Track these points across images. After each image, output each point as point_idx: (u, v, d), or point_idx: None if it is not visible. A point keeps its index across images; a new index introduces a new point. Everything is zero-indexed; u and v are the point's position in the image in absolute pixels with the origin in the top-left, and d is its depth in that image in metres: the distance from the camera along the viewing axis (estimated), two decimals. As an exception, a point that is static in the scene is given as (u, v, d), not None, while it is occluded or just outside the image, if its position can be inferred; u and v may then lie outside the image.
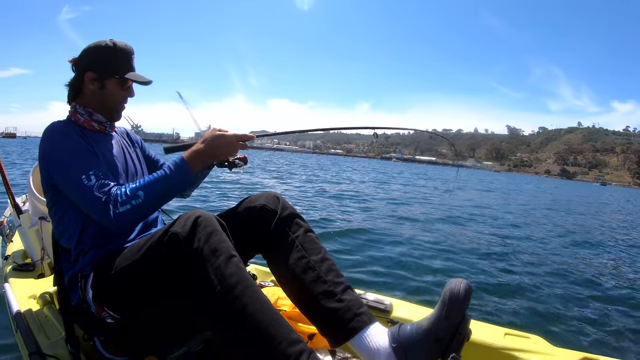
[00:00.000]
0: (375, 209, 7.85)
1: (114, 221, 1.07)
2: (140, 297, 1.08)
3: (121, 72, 1.25)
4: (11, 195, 2.03)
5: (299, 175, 18.55)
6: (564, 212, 11.37)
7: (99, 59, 1.24)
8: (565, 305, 3.10)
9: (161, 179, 1.12)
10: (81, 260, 1.18)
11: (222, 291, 0.93)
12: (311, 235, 1.23)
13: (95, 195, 1.08)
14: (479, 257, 4.37)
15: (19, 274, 1.83)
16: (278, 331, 0.91)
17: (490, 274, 3.75)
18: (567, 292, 3.43)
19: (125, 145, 1.40)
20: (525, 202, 14.37)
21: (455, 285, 0.98)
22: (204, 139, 1.19)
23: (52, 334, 1.27)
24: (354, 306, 1.09)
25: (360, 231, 5.17)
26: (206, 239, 0.97)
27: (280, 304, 1.49)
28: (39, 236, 1.90)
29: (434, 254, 4.37)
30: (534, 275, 3.81)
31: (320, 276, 1.13)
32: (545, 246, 5.40)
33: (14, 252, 2.14)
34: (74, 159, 1.12)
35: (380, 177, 22.39)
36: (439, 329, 0.97)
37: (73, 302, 1.20)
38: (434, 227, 6.27)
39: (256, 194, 1.30)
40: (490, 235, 5.84)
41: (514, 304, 3.06)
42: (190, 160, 1.15)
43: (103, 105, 1.28)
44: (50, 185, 1.19)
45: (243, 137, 1.22)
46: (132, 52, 1.28)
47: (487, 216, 8.37)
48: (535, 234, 6.44)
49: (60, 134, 1.17)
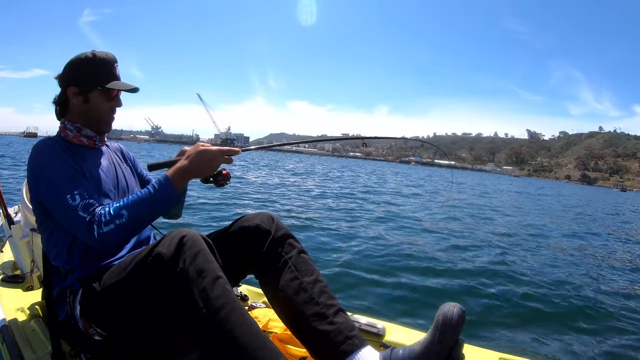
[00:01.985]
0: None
1: (99, 241, 1.06)
2: (127, 315, 1.07)
3: (103, 82, 1.22)
4: (3, 205, 2.01)
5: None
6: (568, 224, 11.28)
7: (79, 72, 1.22)
8: (561, 330, 3.07)
9: (145, 198, 1.10)
10: (70, 276, 1.17)
11: (208, 313, 0.92)
12: (304, 256, 1.22)
13: (80, 216, 1.07)
14: (472, 278, 4.34)
15: (8, 285, 1.80)
16: (266, 355, 0.90)
17: (484, 297, 3.72)
18: (565, 316, 3.39)
19: (116, 161, 1.39)
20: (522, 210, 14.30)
21: (448, 310, 0.98)
22: (188, 154, 1.17)
23: (39, 349, 1.24)
24: (345, 329, 1.07)
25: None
26: (192, 260, 0.96)
27: (271, 326, 1.47)
28: (29, 248, 1.88)
29: (427, 273, 4.35)
30: (529, 299, 3.78)
31: (313, 298, 1.12)
32: (541, 267, 5.37)
33: (4, 262, 2.11)
34: (59, 179, 1.12)
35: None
36: (432, 353, 0.96)
37: (61, 317, 1.19)
38: (423, 243, 6.24)
39: (251, 213, 1.29)
40: (485, 256, 5.81)
41: (509, 328, 3.02)
42: (174, 178, 1.13)
43: (90, 119, 1.26)
44: (38, 202, 1.18)
45: (228, 152, 1.20)
46: (114, 60, 1.25)
47: (481, 233, 8.33)
48: (528, 254, 6.41)
49: (47, 152, 1.16)
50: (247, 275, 1.30)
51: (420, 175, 42.74)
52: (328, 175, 22.24)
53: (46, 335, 1.27)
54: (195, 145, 1.19)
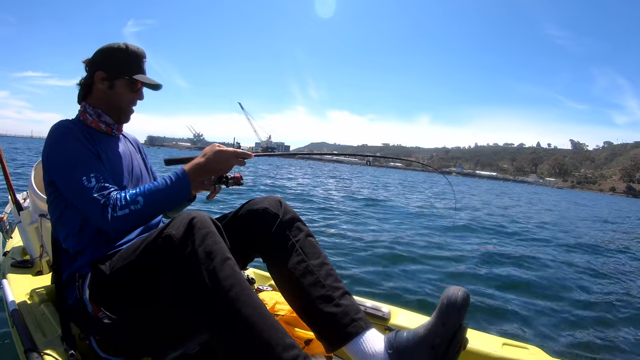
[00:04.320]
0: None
1: (111, 224, 1.08)
2: (137, 298, 1.08)
3: (131, 73, 1.26)
4: (12, 192, 2.03)
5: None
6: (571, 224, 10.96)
7: (110, 59, 1.25)
8: (564, 316, 3.08)
9: (162, 188, 1.14)
10: (79, 260, 1.18)
11: (216, 294, 0.93)
12: (311, 239, 1.23)
13: (94, 197, 1.09)
14: (479, 265, 4.36)
15: (17, 270, 1.83)
16: (273, 335, 0.90)
17: (489, 282, 3.73)
18: (568, 302, 3.40)
19: (131, 150, 1.41)
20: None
21: (452, 293, 0.98)
22: (204, 153, 1.21)
23: (49, 332, 1.26)
24: (351, 311, 1.08)
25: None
26: (201, 241, 0.97)
27: (277, 309, 1.49)
28: (38, 233, 1.90)
29: (436, 261, 4.36)
30: (533, 285, 3.80)
31: (319, 280, 1.12)
32: (545, 256, 5.37)
33: (13, 248, 2.14)
34: (76, 160, 1.14)
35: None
36: (436, 335, 0.96)
37: (70, 301, 1.21)
38: (435, 235, 6.26)
39: (259, 197, 1.30)
40: (491, 244, 5.82)
41: (513, 313, 3.04)
42: (191, 172, 1.17)
43: (111, 106, 1.29)
44: (50, 182, 1.19)
45: (242, 154, 1.24)
46: (143, 55, 1.30)
47: (495, 227, 8.33)
48: (537, 243, 6.40)
49: (65, 134, 1.17)
50: (255, 258, 1.31)
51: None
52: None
53: (56, 319, 1.29)
54: (212, 145, 1.23)
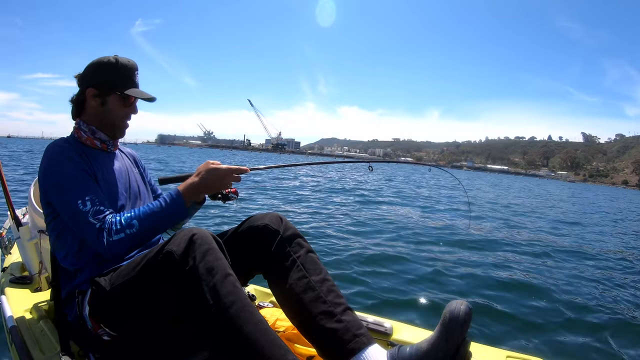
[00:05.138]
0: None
1: (107, 248, 1.08)
2: (137, 315, 1.07)
3: (123, 88, 1.25)
4: (11, 207, 2.03)
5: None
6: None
7: (100, 74, 1.24)
8: (570, 329, 3.04)
9: (156, 210, 1.14)
10: (79, 277, 1.18)
11: (218, 311, 0.92)
12: (312, 255, 1.22)
13: (90, 221, 1.09)
14: (481, 276, 4.33)
15: (16, 286, 1.82)
16: (275, 352, 0.90)
17: (492, 295, 3.70)
18: (573, 315, 3.36)
19: (128, 165, 1.41)
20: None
21: (455, 307, 0.97)
22: (198, 172, 1.21)
23: (47, 349, 1.25)
24: (353, 327, 1.07)
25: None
26: (201, 257, 0.97)
27: (278, 325, 1.47)
28: (37, 249, 1.89)
29: (434, 272, 4.33)
30: (538, 297, 3.76)
31: (320, 296, 1.12)
32: (551, 265, 5.34)
33: (12, 264, 2.13)
34: (71, 183, 1.13)
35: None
36: (439, 350, 0.95)
37: (69, 318, 1.20)
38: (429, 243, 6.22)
39: (260, 213, 1.30)
40: (496, 253, 5.78)
41: (517, 326, 3.00)
42: (185, 193, 1.17)
43: (105, 122, 1.27)
44: (47, 203, 1.19)
45: (237, 170, 1.23)
46: (135, 68, 1.28)
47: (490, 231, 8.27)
48: (543, 252, 6.35)
49: (60, 155, 1.17)
50: (255, 274, 1.31)
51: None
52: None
53: (55, 336, 1.28)
54: (206, 163, 1.22)
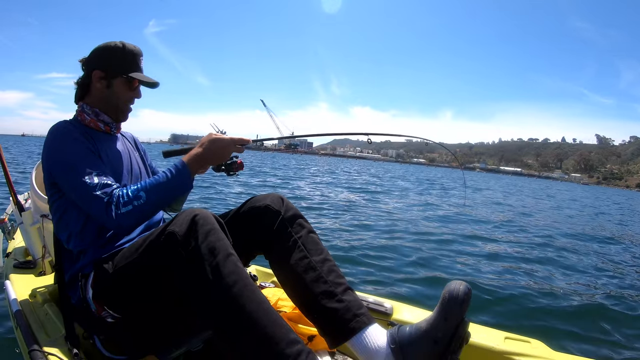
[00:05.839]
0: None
1: (116, 221, 1.08)
2: (140, 297, 1.09)
3: (128, 71, 1.26)
4: (13, 193, 2.03)
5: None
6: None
7: (107, 58, 1.25)
8: (567, 310, 3.07)
9: (163, 181, 1.13)
10: (82, 259, 1.19)
11: (220, 290, 0.93)
12: (313, 236, 1.23)
13: (97, 195, 1.09)
14: (482, 259, 4.36)
15: (20, 271, 1.83)
16: (276, 331, 0.91)
17: (492, 276, 3.74)
18: (571, 296, 3.40)
19: (129, 148, 1.42)
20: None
21: (454, 287, 0.98)
22: (202, 142, 1.21)
23: (52, 332, 1.27)
24: (353, 307, 1.09)
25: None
26: (204, 238, 0.97)
27: (280, 305, 1.49)
28: (40, 234, 1.90)
29: (436, 253, 4.36)
30: (537, 279, 3.80)
31: (321, 276, 1.13)
32: (549, 249, 5.38)
33: (15, 249, 2.15)
34: (77, 160, 1.13)
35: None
36: (438, 330, 0.97)
37: (73, 301, 1.21)
38: (438, 227, 6.25)
39: (261, 194, 1.30)
40: (496, 237, 5.82)
41: (515, 307, 3.04)
42: (190, 163, 1.17)
43: (109, 105, 1.29)
44: (52, 183, 1.19)
45: (239, 141, 1.23)
46: (140, 53, 1.30)
47: (497, 221, 8.31)
48: (541, 237, 6.38)
49: (64, 134, 1.17)
50: (257, 255, 1.31)
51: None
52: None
53: (59, 319, 1.29)
54: (209, 134, 1.23)
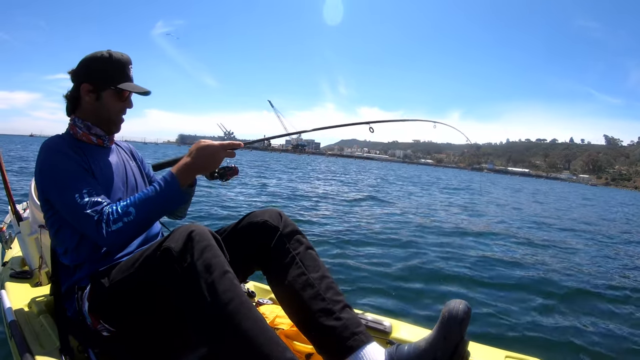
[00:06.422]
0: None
1: (107, 239, 1.07)
2: (136, 311, 1.08)
3: (117, 82, 1.24)
4: (12, 202, 2.03)
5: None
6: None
7: (94, 69, 1.23)
8: (568, 329, 3.04)
9: (152, 195, 1.11)
10: (78, 272, 1.18)
11: (216, 307, 0.92)
12: (312, 252, 1.22)
13: (88, 214, 1.08)
14: (480, 276, 4.33)
15: (16, 280, 1.82)
16: (273, 349, 0.90)
17: (492, 294, 3.70)
18: (572, 315, 3.36)
19: (125, 159, 1.40)
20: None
21: (454, 306, 0.98)
22: (190, 152, 1.18)
23: (47, 344, 1.25)
24: (351, 325, 1.07)
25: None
26: (199, 254, 0.96)
27: (278, 322, 1.48)
28: (37, 244, 1.89)
29: (436, 269, 4.33)
30: (538, 297, 3.76)
31: (319, 293, 1.12)
32: (549, 265, 5.33)
33: (12, 258, 2.13)
34: (67, 177, 1.13)
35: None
36: (437, 349, 0.96)
37: (69, 313, 1.20)
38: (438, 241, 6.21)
39: (259, 210, 1.29)
40: (497, 254, 5.78)
41: (516, 326, 3.00)
42: (179, 174, 1.14)
43: (100, 117, 1.27)
44: (45, 200, 1.19)
45: (229, 146, 1.20)
46: (128, 62, 1.27)
47: (496, 234, 8.25)
48: (544, 252, 6.32)
49: (55, 151, 1.16)
50: (255, 271, 1.30)
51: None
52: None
53: (54, 331, 1.28)
54: (197, 142, 1.20)
